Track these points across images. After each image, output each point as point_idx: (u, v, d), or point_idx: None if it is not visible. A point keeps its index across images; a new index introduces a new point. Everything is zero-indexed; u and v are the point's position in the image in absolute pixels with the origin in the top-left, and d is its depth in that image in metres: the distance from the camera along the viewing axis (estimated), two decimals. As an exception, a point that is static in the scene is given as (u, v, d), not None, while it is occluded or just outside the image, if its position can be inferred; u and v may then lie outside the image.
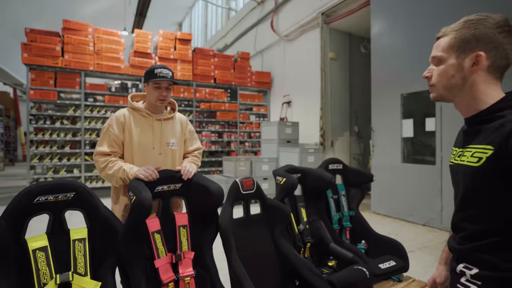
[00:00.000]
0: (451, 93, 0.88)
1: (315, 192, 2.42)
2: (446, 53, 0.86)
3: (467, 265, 0.84)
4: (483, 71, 0.82)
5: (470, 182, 0.82)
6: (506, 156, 0.72)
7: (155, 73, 1.72)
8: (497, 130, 0.76)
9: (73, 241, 1.38)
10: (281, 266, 1.86)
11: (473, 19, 0.84)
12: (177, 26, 19.10)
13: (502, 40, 0.79)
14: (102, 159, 1.68)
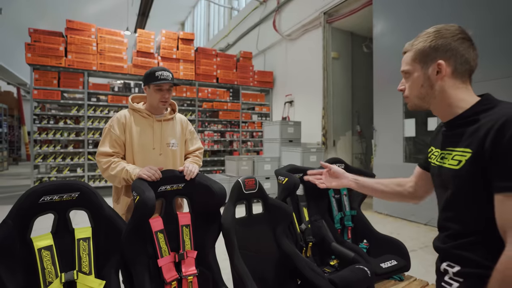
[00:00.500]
0: (425, 102, 0.94)
1: (317, 191, 2.42)
2: (411, 66, 0.93)
3: (450, 263, 0.87)
4: (448, 78, 0.88)
5: (452, 184, 0.86)
6: (483, 158, 0.76)
7: (156, 75, 1.74)
8: (474, 134, 0.80)
9: (78, 240, 1.40)
10: (283, 265, 1.88)
11: (429, 32, 0.91)
12: (179, 26, 19.14)
13: (457, 47, 0.86)
14: (105, 159, 1.70)
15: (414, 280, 2.18)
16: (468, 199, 0.83)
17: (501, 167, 0.72)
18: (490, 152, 0.74)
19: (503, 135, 0.72)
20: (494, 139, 0.73)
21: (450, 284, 0.86)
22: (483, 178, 0.77)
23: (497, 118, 0.75)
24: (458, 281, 0.84)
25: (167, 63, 7.37)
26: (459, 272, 0.84)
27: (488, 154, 0.74)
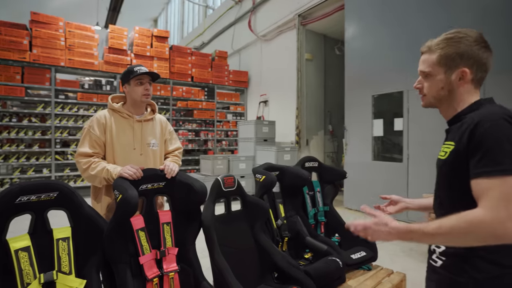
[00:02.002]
0: (439, 102, 1.02)
1: (292, 189, 2.54)
2: (434, 69, 0.98)
3: (438, 244, 0.99)
4: (468, 83, 0.95)
5: (439, 174, 0.99)
6: (462, 149, 0.87)
7: (134, 70, 1.77)
8: (458, 129, 0.91)
9: (57, 241, 1.39)
10: (261, 259, 1.96)
11: (454, 37, 0.95)
12: (152, 22, 18.66)
13: (481, 55, 0.93)
14: (84, 160, 1.68)
15: (381, 269, 2.36)
16: (451, 186, 0.93)
17: (474, 157, 0.83)
18: (466, 146, 0.85)
19: (476, 130, 0.83)
20: (469, 135, 0.85)
21: (436, 261, 0.99)
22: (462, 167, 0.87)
23: (474, 118, 0.86)
24: (442, 259, 0.96)
25: (140, 61, 7.20)
26: (444, 251, 0.96)
27: (465, 146, 0.86)
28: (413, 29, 4.55)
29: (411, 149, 4.60)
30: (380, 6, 5.12)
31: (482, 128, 0.82)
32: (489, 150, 0.80)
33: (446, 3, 4.15)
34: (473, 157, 0.83)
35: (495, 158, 0.79)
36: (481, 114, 0.86)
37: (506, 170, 0.77)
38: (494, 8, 3.68)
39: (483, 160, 0.81)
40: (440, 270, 0.97)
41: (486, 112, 0.86)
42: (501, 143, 0.79)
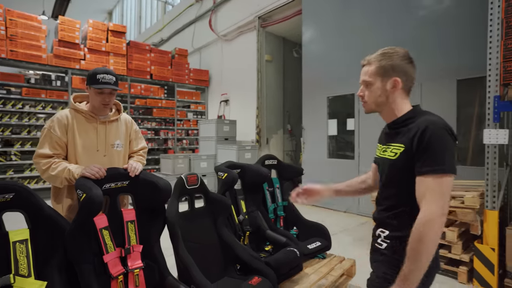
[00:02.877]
0: (379, 107, 1.19)
1: (253, 185, 2.67)
2: (373, 78, 1.16)
3: (382, 229, 1.15)
4: (399, 91, 1.14)
5: (389, 170, 1.14)
6: (411, 151, 1.04)
7: (97, 78, 1.69)
8: (406, 134, 1.08)
9: (13, 243, 1.36)
10: (223, 252, 2.06)
11: (388, 53, 1.15)
12: (106, 15, 17.63)
13: (408, 68, 1.13)
14: (44, 161, 1.63)
15: (334, 257, 2.59)
16: (398, 182, 1.11)
17: (421, 158, 1.01)
18: (416, 148, 1.02)
19: (423, 137, 1.01)
20: (418, 139, 1.02)
21: (381, 244, 1.14)
22: (410, 166, 1.05)
23: (420, 124, 1.04)
24: (386, 242, 1.13)
25: (95, 56, 6.84)
26: (388, 235, 1.13)
27: (415, 149, 1.03)
28: (364, 36, 4.95)
29: (361, 147, 5.00)
30: (335, 13, 5.46)
31: (429, 133, 1.00)
32: (434, 153, 0.99)
33: (396, 16, 4.57)
34: (421, 157, 1.01)
35: (436, 159, 0.98)
36: (427, 121, 1.04)
37: (445, 170, 0.98)
38: (429, 23, 4.15)
39: (427, 161, 0.99)
40: (385, 251, 1.13)
41: (430, 120, 1.04)
42: (443, 148, 0.99)
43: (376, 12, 4.79)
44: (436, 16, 4.10)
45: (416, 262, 0.96)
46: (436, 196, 0.96)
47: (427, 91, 4.19)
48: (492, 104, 2.52)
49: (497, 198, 2.55)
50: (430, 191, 0.97)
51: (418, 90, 4.26)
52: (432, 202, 0.96)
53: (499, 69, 2.47)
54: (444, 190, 0.97)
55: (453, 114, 3.92)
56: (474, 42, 3.64)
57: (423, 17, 4.24)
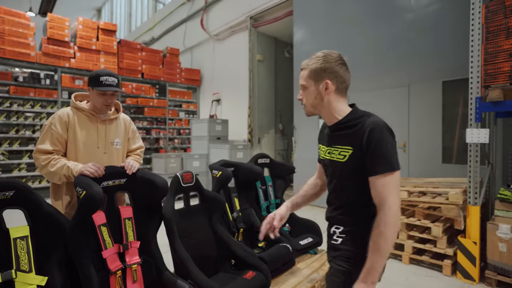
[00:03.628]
0: (317, 110, 1.22)
1: (246, 183, 2.73)
2: (307, 82, 1.20)
3: (337, 226, 1.21)
4: (333, 93, 1.17)
5: (340, 172, 1.18)
6: (361, 153, 1.09)
7: (100, 80, 1.75)
8: (352, 136, 1.12)
9: (14, 240, 1.38)
10: (219, 248, 2.12)
11: (319, 56, 1.18)
12: (95, 12, 17.37)
13: (340, 71, 1.16)
14: (44, 156, 1.66)
15: (325, 252, 2.67)
16: (348, 182, 1.17)
17: (372, 160, 1.06)
18: (365, 150, 1.07)
19: (371, 138, 1.06)
20: (366, 142, 1.07)
21: (337, 240, 1.20)
22: (360, 166, 1.10)
23: (366, 126, 1.09)
24: (341, 237, 1.18)
25: (85, 54, 6.77)
26: (343, 230, 1.18)
27: (364, 150, 1.08)
28: (353, 38, 5.06)
29: (351, 146, 5.11)
30: (325, 14, 5.56)
31: (375, 135, 1.05)
32: (383, 153, 1.06)
33: (385, 18, 4.70)
34: (371, 159, 1.07)
35: (386, 159, 1.05)
36: (371, 123, 1.09)
37: (394, 167, 1.06)
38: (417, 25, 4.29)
39: (378, 161, 1.06)
40: (340, 246, 1.18)
41: (373, 121, 1.09)
42: (389, 147, 1.06)
43: (365, 14, 4.91)
44: (423, 19, 4.24)
45: (379, 256, 1.03)
46: (391, 192, 1.04)
47: (414, 92, 4.33)
48: (474, 105, 2.64)
49: (479, 195, 2.68)
50: (386, 189, 1.04)
51: (406, 91, 4.40)
52: (390, 200, 1.03)
53: (480, 72, 2.60)
54: (396, 185, 1.06)
55: (439, 114, 4.07)
56: (458, 44, 3.79)
57: (411, 19, 4.37)
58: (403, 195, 3.03)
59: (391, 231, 1.02)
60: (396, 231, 1.04)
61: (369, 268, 1.04)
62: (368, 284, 1.04)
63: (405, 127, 4.42)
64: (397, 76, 4.52)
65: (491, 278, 2.53)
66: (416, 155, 4.32)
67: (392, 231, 1.02)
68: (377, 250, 1.03)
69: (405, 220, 2.99)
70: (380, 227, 1.03)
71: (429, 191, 3.04)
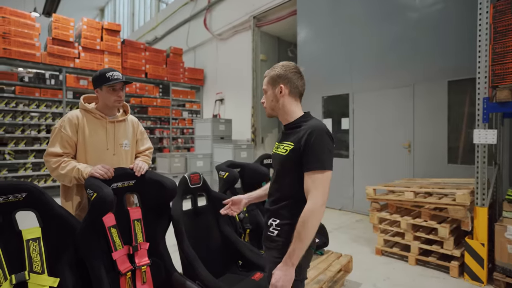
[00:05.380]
0: (275, 111, 1.36)
1: (252, 184, 2.73)
2: (267, 87, 1.36)
3: (274, 219, 1.28)
4: (286, 96, 1.32)
5: (279, 165, 1.30)
6: (299, 150, 1.21)
7: (107, 76, 1.76)
8: (296, 134, 1.25)
9: (27, 241, 1.40)
10: (226, 249, 2.12)
11: (278, 65, 1.35)
12: (98, 12, 17.43)
13: (291, 77, 1.31)
14: (54, 159, 1.68)
15: (331, 253, 2.68)
16: (287, 175, 1.27)
17: (307, 157, 1.18)
18: (303, 147, 1.19)
19: (310, 138, 1.18)
20: (305, 140, 1.19)
21: (273, 232, 1.27)
22: (297, 162, 1.22)
23: (308, 127, 1.22)
24: (277, 230, 1.26)
25: (89, 54, 6.80)
26: (278, 224, 1.26)
27: (302, 149, 1.20)
28: (357, 38, 5.05)
29: (356, 146, 5.11)
30: (329, 14, 5.55)
31: (313, 136, 1.18)
32: (317, 153, 1.17)
33: (388, 18, 4.68)
34: (306, 156, 1.19)
35: (319, 158, 1.17)
36: (313, 125, 1.22)
37: (325, 167, 1.17)
38: (422, 24, 4.27)
39: (312, 159, 1.17)
40: (276, 238, 1.26)
41: (315, 124, 1.23)
42: (324, 148, 1.18)
43: (369, 13, 4.89)
44: (427, 18, 4.22)
45: (300, 243, 1.14)
46: (319, 189, 1.15)
47: (419, 92, 4.31)
48: (482, 105, 2.63)
49: (486, 196, 2.67)
50: (314, 185, 1.16)
51: (410, 91, 4.38)
52: (316, 194, 1.15)
53: (488, 72, 2.58)
54: (325, 184, 1.17)
55: (444, 114, 4.05)
56: (463, 44, 3.77)
57: (415, 18, 4.35)
58: (409, 196, 3.02)
59: (312, 222, 1.13)
60: (317, 222, 1.15)
61: (291, 252, 1.14)
62: (288, 265, 1.14)
63: (409, 127, 4.41)
64: (401, 76, 4.50)
65: (499, 280, 2.52)
66: (421, 156, 4.30)
67: (314, 221, 1.14)
68: (299, 237, 1.14)
69: (411, 221, 2.98)
70: (303, 217, 1.14)
71: (435, 191, 3.03)
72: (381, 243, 3.25)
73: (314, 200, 1.15)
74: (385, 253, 3.28)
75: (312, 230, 1.15)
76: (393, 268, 2.97)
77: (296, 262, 1.15)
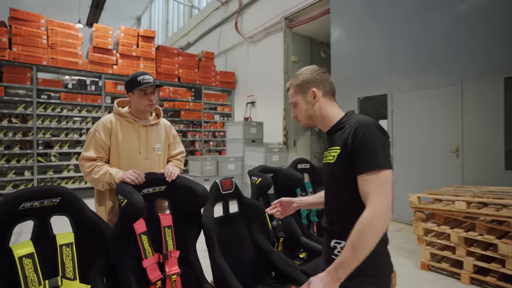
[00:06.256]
0: (312, 120, 1.23)
1: (286, 190, 2.60)
2: (295, 98, 1.25)
3: (337, 241, 1.11)
4: (322, 98, 1.20)
5: (330, 175, 1.14)
6: (347, 151, 1.04)
7: (138, 80, 1.75)
8: (341, 136, 1.09)
9: (60, 246, 1.39)
10: (259, 259, 2.01)
11: (298, 74, 1.25)
12: (135, 21, 18.31)
13: (320, 78, 1.20)
14: (88, 163, 1.68)
15: (371, 267, 2.46)
16: (340, 187, 1.09)
17: (357, 158, 1.01)
18: (351, 147, 1.03)
19: (356, 135, 1.02)
20: (352, 138, 1.03)
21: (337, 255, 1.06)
22: (348, 168, 1.04)
23: (353, 124, 1.06)
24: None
25: (126, 61, 7.08)
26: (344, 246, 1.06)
27: (350, 149, 1.03)
28: (396, 35, 4.73)
29: (395, 150, 4.78)
30: (365, 11, 5.27)
31: (360, 132, 1.01)
32: (367, 150, 1.00)
33: (432, 11, 4.34)
34: (357, 157, 1.02)
35: (372, 156, 0.99)
36: (357, 120, 1.06)
37: (380, 165, 0.98)
38: (468, 17, 3.89)
39: (363, 159, 1.00)
40: None
41: (360, 119, 1.06)
42: (374, 144, 1.00)
43: (410, 7, 4.56)
44: (478, 9, 3.83)
45: (353, 255, 0.95)
46: (377, 193, 0.98)
47: (469, 90, 3.92)
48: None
49: (556, 208, 2.32)
50: (371, 189, 0.98)
51: (458, 90, 4.01)
52: (375, 200, 0.97)
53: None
54: (383, 186, 0.98)
55: (500, 114, 3.64)
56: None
57: (464, 10, 3.98)
58: (460, 206, 2.72)
59: (371, 232, 0.95)
60: (377, 233, 0.96)
61: (338, 263, 0.97)
62: (333, 278, 0.97)
63: (458, 130, 4.02)
64: (448, 74, 4.13)
65: None
66: (471, 161, 3.90)
67: (372, 232, 0.95)
68: (352, 248, 0.95)
69: (463, 234, 2.67)
70: (360, 226, 0.96)
71: (491, 202, 2.70)
72: (427, 257, 2.96)
73: (373, 206, 0.96)
74: (432, 268, 2.98)
75: (370, 242, 0.95)
76: (443, 286, 2.68)
77: (343, 277, 0.97)
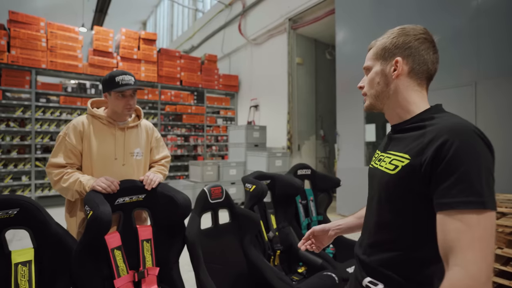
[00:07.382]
0: (380, 101, 0.87)
1: (284, 198, 2.40)
2: (372, 62, 0.89)
3: (373, 281, 0.81)
4: (404, 77, 0.82)
5: (384, 189, 0.81)
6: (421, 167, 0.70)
7: (116, 81, 1.55)
8: (415, 141, 0.74)
9: (15, 265, 1.21)
10: (251, 276, 1.81)
11: (394, 30, 0.87)
12: (141, 25, 18.38)
13: (418, 46, 0.81)
14: (56, 171, 1.50)
15: (378, 283, 2.23)
16: (398, 208, 0.77)
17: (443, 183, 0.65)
18: (431, 165, 0.67)
19: (447, 147, 0.65)
20: (436, 150, 0.67)
21: None
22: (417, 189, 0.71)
23: (441, 127, 0.70)
24: None
25: (127, 64, 6.99)
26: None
27: (429, 166, 0.68)
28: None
29: (403, 155, 4.53)
30: (371, 11, 5.07)
31: (454, 145, 0.65)
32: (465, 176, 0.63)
33: (444, 10, 4.12)
34: (442, 181, 0.65)
35: (472, 186, 0.62)
36: (450, 125, 0.69)
37: (485, 202, 0.61)
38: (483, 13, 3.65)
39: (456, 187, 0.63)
40: None
41: (454, 123, 0.69)
42: (479, 167, 0.63)
43: (421, 6, 4.35)
44: (493, 6, 3.59)
45: None
46: (475, 247, 0.60)
47: (483, 90, 3.68)
48: None
49: None
50: (465, 238, 0.61)
51: (471, 90, 3.76)
52: (470, 258, 0.59)
53: None
54: (484, 236, 0.60)
55: (517, 116, 3.38)
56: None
57: (476, 7, 3.74)
58: (477, 215, 2.47)
59: None
60: None
61: None
62: None
63: (471, 133, 3.77)
64: (460, 74, 3.89)
65: None
66: (486, 166, 3.64)
67: None
68: None
69: (480, 247, 2.42)
70: None
71: (511, 212, 2.45)
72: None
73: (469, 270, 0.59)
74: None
75: None
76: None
77: None
